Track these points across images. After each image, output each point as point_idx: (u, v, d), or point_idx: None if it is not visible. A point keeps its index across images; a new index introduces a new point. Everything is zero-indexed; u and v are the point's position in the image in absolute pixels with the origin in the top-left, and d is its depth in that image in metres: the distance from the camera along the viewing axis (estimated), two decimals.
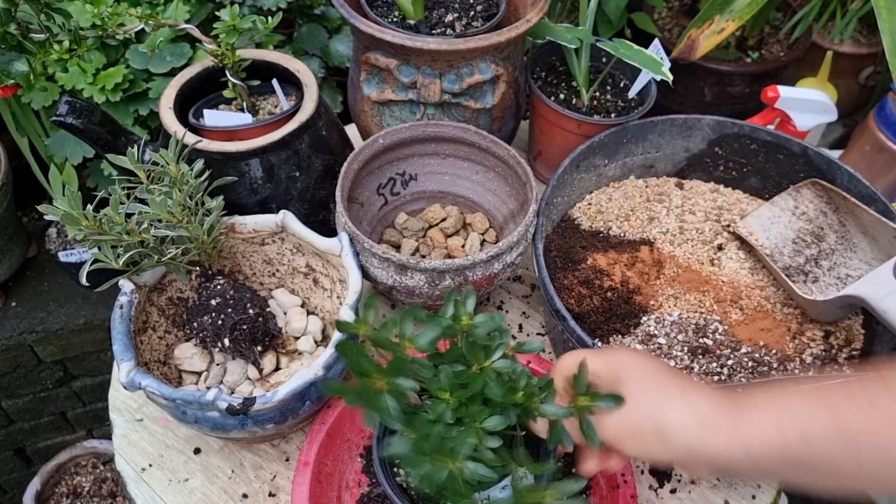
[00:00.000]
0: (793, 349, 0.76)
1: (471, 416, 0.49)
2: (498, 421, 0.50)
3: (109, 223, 0.63)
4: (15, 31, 0.79)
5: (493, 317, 0.52)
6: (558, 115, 0.92)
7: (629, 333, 0.76)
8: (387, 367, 0.48)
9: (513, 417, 0.51)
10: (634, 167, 0.93)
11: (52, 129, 0.97)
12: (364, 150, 0.80)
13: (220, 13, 0.76)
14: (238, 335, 0.72)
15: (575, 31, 0.89)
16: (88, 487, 1.33)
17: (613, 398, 0.50)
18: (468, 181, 0.88)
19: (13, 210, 1.06)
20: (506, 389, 0.50)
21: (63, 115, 0.70)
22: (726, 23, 0.91)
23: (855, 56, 1.19)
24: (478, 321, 0.52)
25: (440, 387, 0.50)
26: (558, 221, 0.88)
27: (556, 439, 0.52)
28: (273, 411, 0.64)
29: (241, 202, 0.78)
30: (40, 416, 1.28)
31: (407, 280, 0.71)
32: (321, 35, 1.14)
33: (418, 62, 0.80)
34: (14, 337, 1.12)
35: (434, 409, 0.50)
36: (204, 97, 0.84)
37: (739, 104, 1.08)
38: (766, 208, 0.86)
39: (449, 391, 0.50)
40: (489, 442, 0.49)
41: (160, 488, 0.73)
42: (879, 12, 0.81)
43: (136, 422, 0.79)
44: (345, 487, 0.71)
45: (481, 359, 0.51)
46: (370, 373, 0.48)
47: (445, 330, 0.51)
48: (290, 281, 0.83)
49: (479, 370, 0.51)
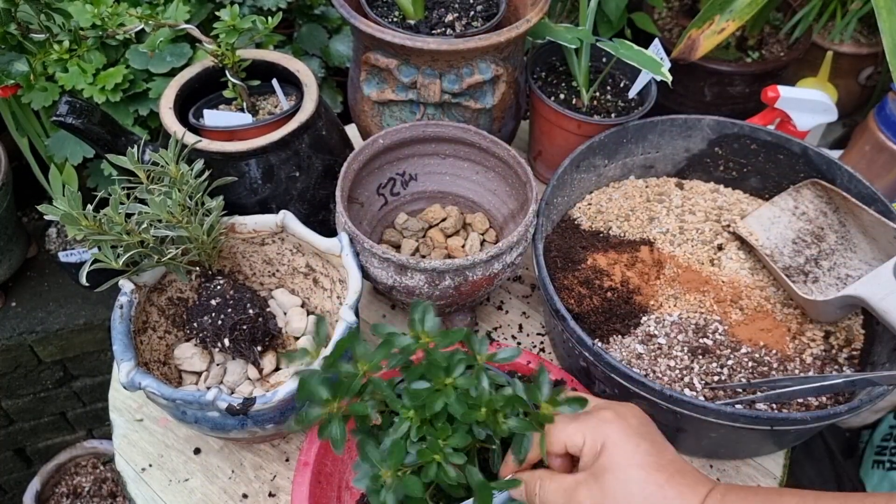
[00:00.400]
0: (793, 349, 0.76)
1: (435, 433, 0.49)
2: (461, 438, 0.49)
3: (109, 223, 0.63)
4: (15, 31, 0.79)
5: (452, 333, 0.51)
6: (558, 115, 0.92)
7: (629, 333, 0.76)
8: (336, 391, 0.48)
9: (481, 433, 0.51)
10: (634, 167, 0.93)
11: (52, 129, 0.97)
12: (364, 151, 0.80)
13: (220, 13, 0.76)
14: (238, 335, 0.72)
15: (575, 31, 0.89)
16: (88, 487, 1.33)
17: (577, 401, 0.50)
18: (468, 181, 0.88)
19: (13, 210, 1.06)
20: (467, 407, 0.50)
21: (63, 115, 0.70)
22: (726, 23, 0.91)
23: (855, 56, 1.19)
24: (436, 339, 0.51)
25: (402, 405, 0.50)
26: (558, 221, 0.88)
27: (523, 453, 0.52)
28: (273, 411, 0.64)
29: (241, 202, 0.78)
30: (40, 416, 1.28)
31: (407, 280, 0.71)
32: (321, 35, 1.14)
33: (418, 62, 0.80)
34: (14, 337, 1.12)
35: (397, 427, 0.49)
36: (204, 97, 0.84)
37: (739, 104, 1.08)
38: (766, 208, 0.86)
39: (411, 409, 0.49)
40: (453, 459, 0.48)
41: (160, 488, 0.73)
42: (879, 12, 0.81)
43: (136, 422, 0.79)
44: (345, 487, 0.71)
45: (441, 377, 0.50)
46: (320, 399, 0.48)
47: (403, 350, 0.51)
48: (290, 281, 0.83)
49: (442, 387, 0.50)
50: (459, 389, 0.50)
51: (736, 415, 0.62)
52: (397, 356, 0.50)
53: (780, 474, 0.75)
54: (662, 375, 0.72)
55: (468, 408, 0.49)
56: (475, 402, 0.50)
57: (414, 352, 0.51)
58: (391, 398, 0.50)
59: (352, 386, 0.49)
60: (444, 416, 0.50)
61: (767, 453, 0.76)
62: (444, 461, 0.48)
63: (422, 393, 0.50)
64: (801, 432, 0.69)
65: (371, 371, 0.50)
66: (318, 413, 0.48)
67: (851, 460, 1.23)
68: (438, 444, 0.48)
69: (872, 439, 1.20)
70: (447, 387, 0.50)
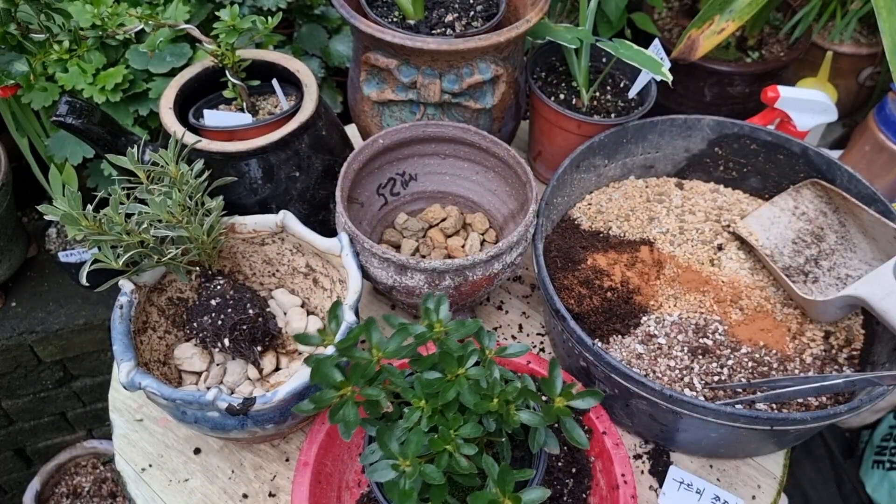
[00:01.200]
0: (793, 349, 0.76)
1: (446, 423, 0.49)
2: (473, 429, 0.49)
3: (109, 223, 0.63)
4: (15, 31, 0.79)
5: (467, 323, 0.52)
6: (558, 115, 0.92)
7: (629, 333, 0.76)
8: (350, 376, 0.48)
9: (491, 424, 0.51)
10: (634, 167, 0.93)
11: (52, 129, 0.97)
12: (364, 151, 0.80)
13: (220, 13, 0.76)
14: (238, 335, 0.72)
15: (575, 31, 0.89)
16: (88, 487, 1.33)
17: (592, 395, 0.50)
18: (468, 181, 0.88)
19: (13, 210, 1.06)
20: (479, 397, 0.50)
21: (63, 115, 0.70)
22: (726, 23, 0.91)
23: (855, 56, 1.19)
24: (450, 328, 0.52)
25: (414, 395, 0.50)
26: (558, 221, 0.88)
27: (538, 444, 0.52)
28: (273, 411, 0.64)
29: (241, 202, 0.78)
30: (40, 416, 1.27)
31: (407, 280, 0.71)
32: (321, 35, 1.14)
33: (418, 62, 0.80)
34: (14, 337, 1.12)
35: (409, 416, 0.49)
36: (204, 97, 0.84)
37: (739, 104, 1.08)
38: (766, 208, 0.86)
39: (423, 399, 0.50)
40: (464, 449, 0.49)
41: (160, 488, 0.73)
42: (879, 12, 0.81)
43: (136, 422, 0.79)
44: (345, 487, 0.71)
45: (454, 367, 0.50)
46: (334, 383, 0.48)
47: (418, 338, 0.51)
48: (290, 281, 0.83)
49: (454, 377, 0.50)
50: (471, 380, 0.50)
51: (736, 415, 0.62)
52: (410, 345, 0.50)
53: (780, 474, 0.75)
54: (662, 375, 0.72)
55: (480, 398, 0.50)
56: (487, 393, 0.50)
57: (428, 340, 0.51)
58: (403, 387, 0.50)
59: (366, 371, 0.49)
60: (456, 406, 0.50)
61: (767, 453, 0.76)
62: (456, 451, 0.48)
63: (434, 382, 0.50)
64: (801, 432, 0.69)
65: (385, 358, 0.50)
66: (332, 395, 0.48)
67: (851, 460, 1.23)
68: (450, 433, 0.49)
69: (872, 439, 1.20)
70: (459, 377, 0.50)
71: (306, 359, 0.49)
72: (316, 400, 0.48)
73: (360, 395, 0.49)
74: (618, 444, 0.68)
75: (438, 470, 0.47)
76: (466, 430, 0.49)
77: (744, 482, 0.74)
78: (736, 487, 0.74)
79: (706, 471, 0.75)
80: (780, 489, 0.74)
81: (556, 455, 0.69)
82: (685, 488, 0.73)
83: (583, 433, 0.52)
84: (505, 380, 0.53)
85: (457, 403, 0.50)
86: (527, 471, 0.51)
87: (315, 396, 0.48)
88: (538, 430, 0.52)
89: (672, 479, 0.73)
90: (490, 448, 0.56)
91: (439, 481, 0.47)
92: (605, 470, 0.68)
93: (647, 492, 0.73)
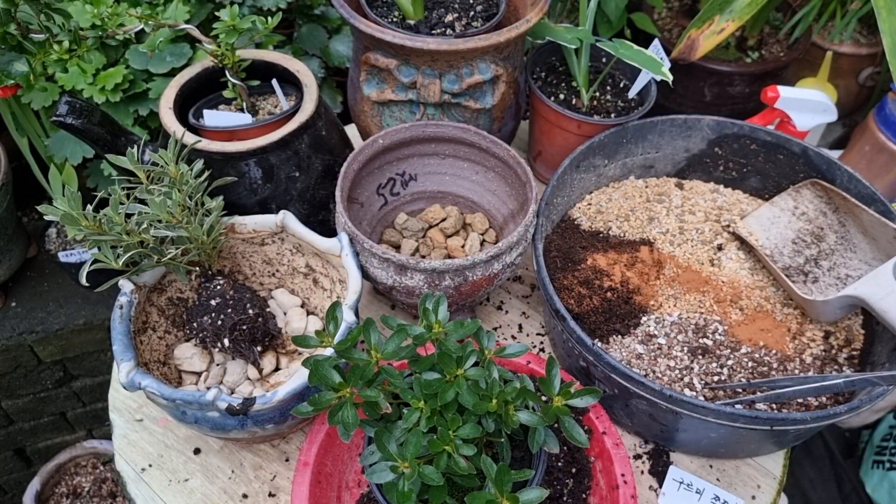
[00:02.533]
0: (793, 349, 0.76)
1: (445, 424, 0.49)
2: (472, 429, 0.49)
3: (109, 223, 0.63)
4: (15, 31, 0.79)
5: (465, 323, 0.52)
6: (558, 115, 0.92)
7: (629, 333, 0.76)
8: (349, 378, 0.48)
9: (490, 425, 0.51)
10: (634, 167, 0.93)
11: (52, 129, 0.97)
12: (364, 151, 0.80)
13: (220, 13, 0.76)
14: (238, 335, 0.72)
15: (575, 31, 0.89)
16: (88, 487, 1.33)
17: (590, 393, 0.50)
18: (468, 181, 0.88)
19: (13, 210, 1.06)
20: (478, 398, 0.50)
21: (63, 115, 0.70)
22: (726, 23, 0.91)
23: (855, 56, 1.19)
24: (449, 329, 0.51)
25: (413, 396, 0.50)
26: (558, 221, 0.88)
27: (537, 444, 0.52)
28: (273, 411, 0.64)
29: (240, 202, 0.78)
30: (40, 416, 1.27)
31: (407, 280, 0.71)
32: (321, 35, 1.14)
33: (418, 62, 0.80)
34: (14, 337, 1.12)
35: (407, 417, 0.49)
36: (204, 97, 0.84)
37: (739, 104, 1.08)
38: (766, 208, 0.86)
39: (422, 400, 0.50)
40: (463, 450, 0.49)
41: (160, 488, 0.73)
42: (879, 12, 0.81)
43: (136, 422, 0.79)
44: (345, 487, 0.71)
45: (453, 368, 0.50)
46: (333, 385, 0.48)
47: (416, 339, 0.51)
48: (289, 281, 0.83)
49: (453, 378, 0.50)
50: (470, 381, 0.50)
51: (736, 415, 0.62)
52: (409, 346, 0.50)
53: (780, 474, 0.75)
54: (662, 375, 0.72)
55: (479, 399, 0.50)
56: (486, 394, 0.50)
57: (426, 341, 0.51)
58: (402, 388, 0.50)
59: (365, 372, 0.49)
60: (455, 407, 0.50)
61: (767, 453, 0.76)
62: (455, 452, 0.48)
63: (433, 383, 0.50)
64: (801, 432, 0.69)
65: (384, 359, 0.50)
66: (330, 397, 0.48)
67: (851, 460, 1.23)
68: (449, 434, 0.49)
69: (872, 439, 1.20)
70: (458, 378, 0.50)
71: (305, 360, 0.49)
72: (314, 402, 0.48)
73: (359, 396, 0.49)
74: (618, 444, 0.68)
75: (437, 471, 0.47)
76: (465, 431, 0.49)
77: (743, 482, 0.74)
78: (736, 487, 0.74)
79: (706, 471, 0.75)
80: (779, 489, 0.74)
81: (555, 455, 0.69)
82: (685, 488, 0.73)
83: (582, 432, 0.52)
84: (504, 380, 0.53)
85: (456, 404, 0.50)
86: (526, 471, 0.51)
87: (313, 398, 0.48)
88: (537, 429, 0.52)
89: (672, 479, 0.73)
90: (490, 448, 0.56)
91: (438, 482, 0.47)
92: (604, 470, 0.68)
93: (646, 492, 0.73)
